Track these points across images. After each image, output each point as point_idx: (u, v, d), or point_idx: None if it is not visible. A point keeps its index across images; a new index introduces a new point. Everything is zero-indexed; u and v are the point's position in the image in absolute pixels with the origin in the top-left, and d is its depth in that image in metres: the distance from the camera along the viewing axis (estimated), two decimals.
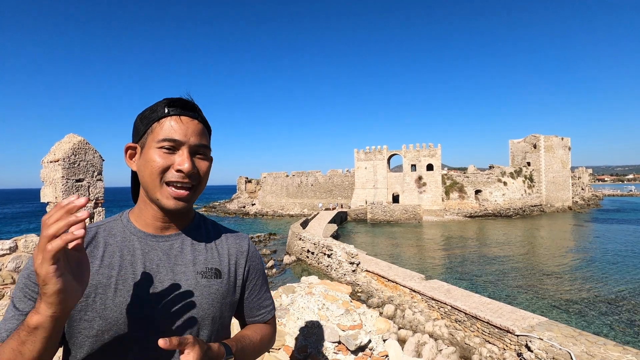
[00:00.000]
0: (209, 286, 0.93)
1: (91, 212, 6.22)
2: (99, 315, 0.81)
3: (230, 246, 1.03)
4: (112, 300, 0.82)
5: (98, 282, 0.83)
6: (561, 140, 51.65)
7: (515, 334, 8.84)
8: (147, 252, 0.90)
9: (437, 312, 11.59)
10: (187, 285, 0.90)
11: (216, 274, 0.95)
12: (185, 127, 0.88)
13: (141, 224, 0.93)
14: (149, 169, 0.86)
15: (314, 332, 2.38)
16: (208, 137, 0.96)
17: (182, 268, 0.91)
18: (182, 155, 0.87)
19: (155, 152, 0.86)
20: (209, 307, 0.91)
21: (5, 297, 3.95)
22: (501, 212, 44.38)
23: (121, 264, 0.87)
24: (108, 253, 0.87)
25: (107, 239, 0.89)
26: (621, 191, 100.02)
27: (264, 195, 60.01)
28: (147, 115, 0.90)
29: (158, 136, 0.86)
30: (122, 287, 0.84)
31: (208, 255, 0.97)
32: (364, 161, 49.07)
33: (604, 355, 7.48)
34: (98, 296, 0.82)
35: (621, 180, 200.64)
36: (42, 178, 5.91)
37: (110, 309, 0.82)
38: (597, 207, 58.89)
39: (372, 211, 42.33)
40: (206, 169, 0.93)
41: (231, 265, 1.00)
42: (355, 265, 16.44)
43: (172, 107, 0.89)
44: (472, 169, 47.76)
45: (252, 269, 1.06)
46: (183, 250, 0.94)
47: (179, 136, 0.87)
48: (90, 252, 0.86)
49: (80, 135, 5.29)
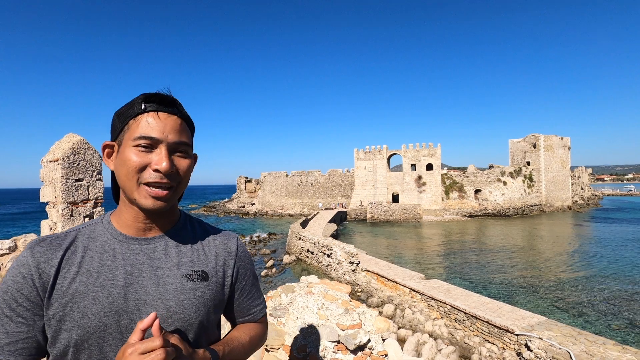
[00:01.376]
0: (195, 289, 0.89)
1: (91, 211, 6.20)
2: (77, 325, 0.78)
3: (217, 247, 0.99)
4: (90, 308, 0.79)
5: (75, 291, 0.79)
6: (561, 140, 51.68)
7: (515, 334, 8.84)
8: (128, 256, 0.86)
9: (436, 311, 11.60)
10: (172, 290, 0.86)
11: (203, 276, 0.91)
12: (163, 123, 0.83)
13: (122, 225, 0.89)
14: (125, 168, 0.82)
15: (313, 332, 2.38)
16: (189, 133, 0.90)
17: (166, 271, 0.87)
18: (160, 154, 0.82)
19: (131, 150, 0.82)
20: (195, 312, 0.88)
21: None
22: (501, 211, 44.41)
23: (100, 269, 0.83)
24: (87, 259, 0.83)
25: (86, 244, 0.86)
26: (621, 191, 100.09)
27: (263, 195, 60.02)
28: (124, 111, 0.86)
29: (134, 134, 0.82)
30: (101, 295, 0.80)
31: (194, 257, 0.93)
32: (363, 161, 49.08)
33: (604, 354, 7.48)
34: (75, 305, 0.79)
35: (620, 179, 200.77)
36: (41, 178, 5.90)
37: (88, 317, 0.78)
38: (596, 206, 58.94)
39: (372, 211, 42.34)
40: (186, 168, 0.88)
41: (219, 266, 0.96)
42: (355, 264, 16.44)
43: (149, 102, 0.84)
44: (472, 169, 47.78)
45: (242, 269, 1.03)
46: (167, 253, 0.90)
47: (156, 133, 0.82)
48: (68, 258, 0.82)
49: (79, 135, 5.29)
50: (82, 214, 6.16)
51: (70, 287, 0.80)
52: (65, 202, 5.63)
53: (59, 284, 0.80)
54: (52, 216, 6.28)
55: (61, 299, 0.79)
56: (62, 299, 0.79)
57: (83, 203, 5.86)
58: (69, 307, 0.79)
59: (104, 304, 0.80)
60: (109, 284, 0.81)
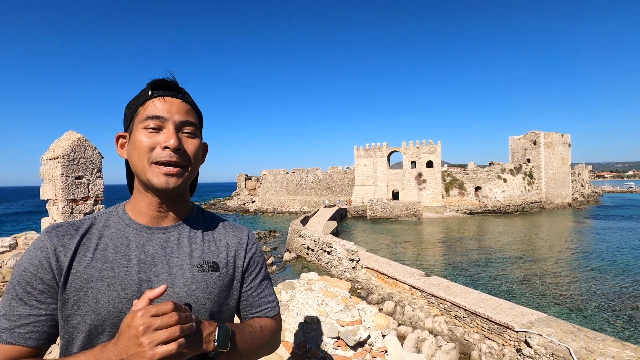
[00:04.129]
0: (206, 280, 0.90)
1: (91, 209, 6.20)
2: (91, 310, 0.79)
3: (229, 238, 0.99)
4: (104, 294, 0.80)
5: (90, 276, 0.80)
6: (561, 137, 51.63)
7: (515, 330, 8.87)
8: (142, 244, 0.87)
9: (436, 308, 11.63)
10: (183, 279, 0.87)
11: (213, 267, 0.92)
12: (169, 105, 0.86)
13: (136, 214, 0.91)
14: (137, 150, 0.85)
15: (313, 328, 2.39)
16: (196, 117, 0.92)
17: (178, 261, 0.89)
18: (167, 132, 0.84)
19: (141, 132, 0.85)
20: (205, 302, 0.88)
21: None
22: (501, 208, 44.43)
23: (114, 256, 0.84)
24: (101, 246, 0.85)
25: (101, 231, 0.87)
26: (621, 188, 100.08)
27: (263, 193, 60.05)
28: (134, 100, 0.89)
29: (143, 116, 0.86)
30: (115, 281, 0.81)
31: (205, 248, 0.94)
32: (363, 158, 49.06)
33: (603, 350, 7.51)
34: (90, 290, 0.80)
35: (621, 176, 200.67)
36: (41, 175, 5.91)
37: (103, 303, 0.79)
38: (596, 203, 58.97)
39: (372, 208, 42.37)
40: (195, 148, 0.89)
41: (230, 258, 0.97)
42: (355, 262, 16.48)
43: (155, 89, 0.88)
44: (472, 166, 47.76)
45: (252, 261, 1.02)
46: (180, 243, 0.91)
47: (162, 113, 0.85)
48: (84, 244, 0.84)
49: (79, 133, 5.29)
50: (82, 211, 6.17)
51: (85, 272, 0.81)
52: (66, 200, 5.63)
53: (75, 268, 0.81)
54: (52, 214, 6.28)
55: (76, 283, 0.80)
56: (77, 283, 0.80)
57: (83, 200, 5.86)
58: (83, 292, 0.79)
59: (118, 290, 0.81)
60: (123, 271, 0.83)
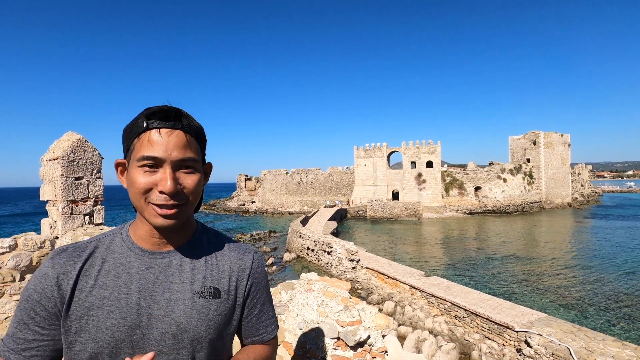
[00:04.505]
0: (207, 307, 0.88)
1: (91, 210, 6.20)
2: (91, 338, 0.80)
3: (232, 262, 0.97)
4: (104, 322, 0.80)
5: (91, 304, 0.81)
6: (561, 137, 51.64)
7: (515, 330, 8.87)
8: (143, 270, 0.87)
9: (436, 308, 11.63)
10: (183, 306, 0.86)
11: (215, 293, 0.90)
12: (165, 141, 0.81)
13: (139, 238, 0.90)
14: (133, 189, 0.82)
15: (313, 328, 2.39)
16: (197, 146, 0.87)
17: (179, 287, 0.87)
18: (164, 174, 0.81)
19: (136, 172, 0.82)
20: (205, 329, 0.87)
21: (5, 295, 3.95)
22: (501, 208, 44.44)
23: (115, 283, 0.84)
24: (103, 272, 0.85)
25: (104, 256, 0.87)
26: (621, 187, 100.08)
27: (263, 193, 60.03)
28: (128, 129, 0.85)
29: (138, 154, 0.81)
30: (115, 309, 0.81)
31: (207, 273, 0.92)
32: (363, 158, 49.05)
33: (603, 350, 7.51)
34: (91, 318, 0.81)
35: (621, 176, 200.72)
36: (41, 176, 5.91)
37: (102, 331, 0.80)
38: (596, 203, 58.97)
39: (372, 208, 42.36)
40: (194, 184, 0.85)
41: (232, 283, 0.95)
42: (355, 262, 16.47)
43: (151, 119, 0.82)
44: (472, 166, 47.76)
45: (255, 286, 0.99)
46: (181, 268, 0.90)
47: (158, 152, 0.80)
48: (86, 270, 0.84)
49: (79, 133, 5.29)
50: (82, 212, 6.17)
51: (86, 300, 0.82)
52: (65, 201, 5.63)
53: (77, 296, 0.82)
54: (52, 214, 6.28)
55: (77, 311, 0.81)
56: (79, 311, 0.81)
57: (83, 201, 5.86)
58: (84, 320, 0.81)
59: (117, 319, 0.81)
60: (123, 299, 0.83)
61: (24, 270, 4.03)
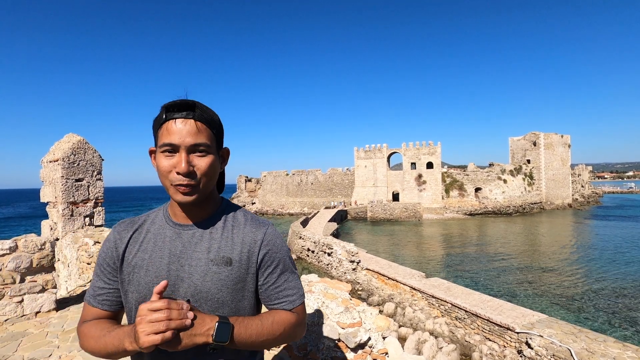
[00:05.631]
0: (219, 273, 1.02)
1: (91, 211, 6.21)
2: (135, 290, 1.02)
3: (245, 234, 1.08)
4: (143, 279, 1.02)
5: (135, 264, 1.04)
6: (561, 138, 51.62)
7: (516, 331, 8.85)
8: (174, 239, 1.06)
9: (437, 310, 11.61)
10: (200, 271, 1.01)
11: (227, 261, 1.03)
12: (179, 129, 0.96)
13: (172, 214, 1.10)
14: (160, 172, 1.00)
15: (313, 330, 2.39)
16: (209, 133, 1.01)
17: (198, 255, 1.03)
18: (179, 158, 0.97)
19: (160, 157, 0.99)
20: (217, 292, 1.01)
21: (5, 297, 3.95)
22: (501, 209, 44.41)
23: (153, 249, 1.05)
24: (146, 239, 1.07)
25: (149, 227, 1.10)
26: (621, 188, 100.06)
27: (264, 194, 60.02)
28: (155, 121, 1.02)
29: (160, 142, 0.99)
30: (151, 269, 1.02)
31: (222, 244, 1.05)
32: (363, 159, 49.05)
33: (604, 351, 7.49)
34: (135, 275, 1.03)
35: (621, 177, 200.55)
36: (41, 178, 5.91)
37: (142, 285, 1.01)
38: (596, 204, 58.92)
39: (372, 209, 42.34)
40: (206, 165, 1.00)
41: (243, 254, 1.05)
42: (355, 263, 16.45)
43: (169, 111, 0.98)
44: (472, 167, 47.75)
45: (268, 257, 1.08)
46: (202, 239, 1.06)
47: (174, 140, 0.96)
48: (135, 237, 1.08)
49: (79, 135, 5.30)
50: (82, 213, 6.17)
51: (133, 260, 1.05)
52: (66, 202, 5.63)
53: (127, 257, 1.06)
54: (52, 216, 6.29)
55: (127, 268, 1.05)
56: (127, 268, 1.05)
57: (83, 203, 5.86)
58: (131, 276, 1.03)
59: (152, 277, 1.01)
60: (157, 261, 1.03)
61: (25, 272, 4.03)
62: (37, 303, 4.10)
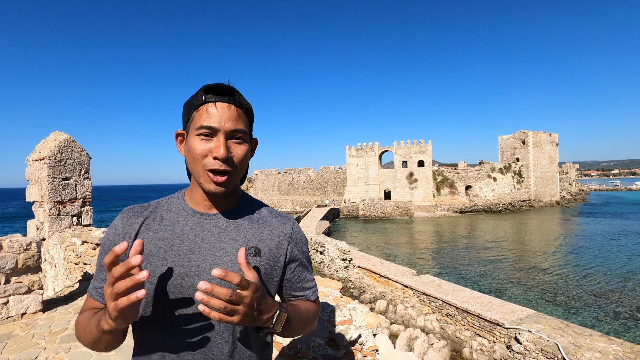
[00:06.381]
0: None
1: (79, 211, 6.11)
2: (148, 281, 0.92)
3: (273, 227, 1.06)
4: (159, 268, 0.93)
5: (150, 252, 0.95)
6: (549, 136, 52.47)
7: (505, 327, 8.99)
8: (194, 228, 0.99)
9: (428, 306, 11.72)
10: (227, 261, 0.96)
11: (256, 252, 1.00)
12: (220, 113, 0.93)
13: (192, 202, 1.03)
14: (191, 155, 0.94)
15: None
16: (246, 121, 0.99)
17: (224, 244, 0.98)
18: (218, 142, 0.92)
19: (195, 139, 0.93)
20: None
21: None
22: (491, 207, 45.00)
23: (170, 236, 0.97)
24: (161, 227, 0.99)
25: (163, 214, 1.02)
26: (607, 186, 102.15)
27: (255, 193, 59.78)
28: (189, 103, 0.97)
29: (197, 124, 0.93)
30: (169, 257, 0.94)
31: (249, 235, 1.02)
32: (355, 158, 49.18)
33: (590, 345, 7.66)
34: (149, 263, 0.94)
35: (607, 175, 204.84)
36: (27, 177, 5.78)
37: (157, 275, 0.93)
38: (583, 201, 60.08)
39: (364, 207, 42.50)
40: (243, 153, 0.97)
41: (272, 245, 1.03)
42: (347, 261, 16.51)
43: (209, 94, 0.94)
44: (463, 165, 48.25)
45: (295, 250, 1.07)
46: (227, 228, 1.01)
47: (214, 123, 0.92)
48: (147, 224, 0.99)
49: (66, 133, 5.19)
50: (69, 213, 6.06)
51: (146, 248, 0.94)
52: (52, 201, 5.52)
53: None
54: (38, 215, 6.16)
55: None
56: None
57: (70, 202, 5.76)
58: (144, 264, 0.93)
59: (170, 266, 0.94)
60: (175, 250, 0.95)
61: (10, 273, 3.95)
62: (23, 304, 4.02)
